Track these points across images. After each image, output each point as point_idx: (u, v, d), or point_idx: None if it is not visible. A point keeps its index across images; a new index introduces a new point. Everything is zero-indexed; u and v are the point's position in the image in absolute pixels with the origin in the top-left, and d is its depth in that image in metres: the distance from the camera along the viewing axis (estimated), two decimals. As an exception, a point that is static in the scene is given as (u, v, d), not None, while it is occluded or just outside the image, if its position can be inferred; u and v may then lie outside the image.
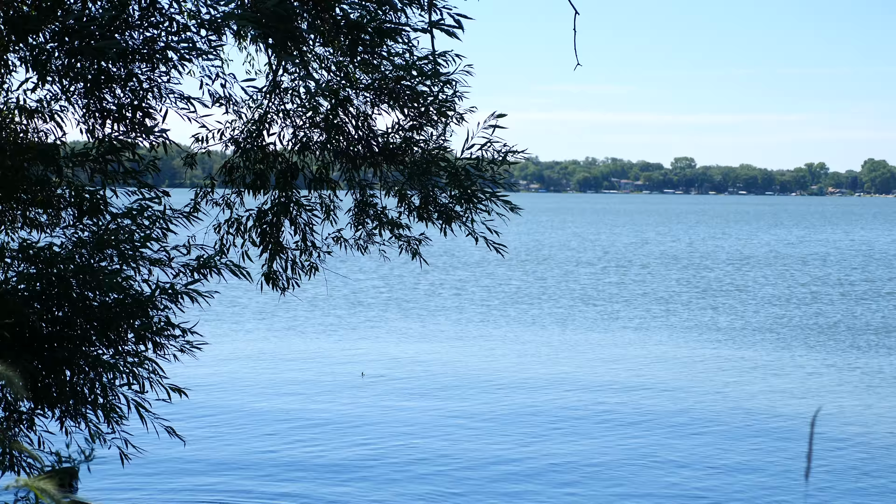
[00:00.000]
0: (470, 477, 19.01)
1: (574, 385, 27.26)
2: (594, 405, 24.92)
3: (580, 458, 20.36)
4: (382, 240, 12.69)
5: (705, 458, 20.46)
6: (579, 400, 25.44)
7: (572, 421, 23.30)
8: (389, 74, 11.05)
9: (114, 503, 17.08)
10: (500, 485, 18.57)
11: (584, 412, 24.19)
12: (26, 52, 11.05)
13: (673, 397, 25.79)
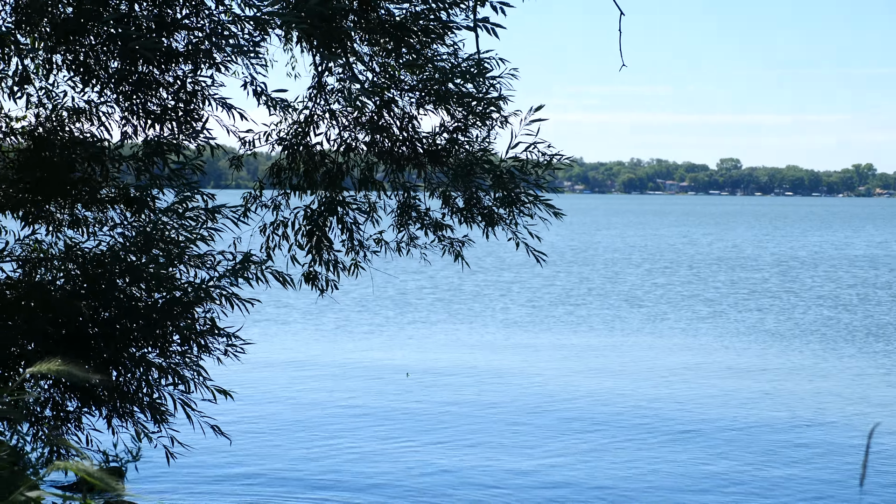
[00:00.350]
0: (513, 482, 18.98)
1: (620, 388, 27.14)
2: (640, 409, 24.79)
3: (624, 465, 20.28)
4: (426, 242, 12.71)
5: (754, 462, 20.33)
6: (625, 404, 25.32)
7: (617, 426, 23.19)
8: (435, 76, 11.05)
9: (160, 501, 17.17)
10: (540, 492, 18.53)
11: (629, 416, 24.08)
12: (71, 54, 11.15)
13: (722, 402, 25.59)
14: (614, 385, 27.53)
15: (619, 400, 25.60)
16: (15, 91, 11.83)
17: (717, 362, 31.33)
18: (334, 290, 13.01)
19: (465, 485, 18.55)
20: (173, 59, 10.77)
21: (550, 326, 38.55)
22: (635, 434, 22.24)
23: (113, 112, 11.60)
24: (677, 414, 24.28)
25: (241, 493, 17.85)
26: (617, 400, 25.60)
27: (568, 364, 30.60)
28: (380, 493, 18.04)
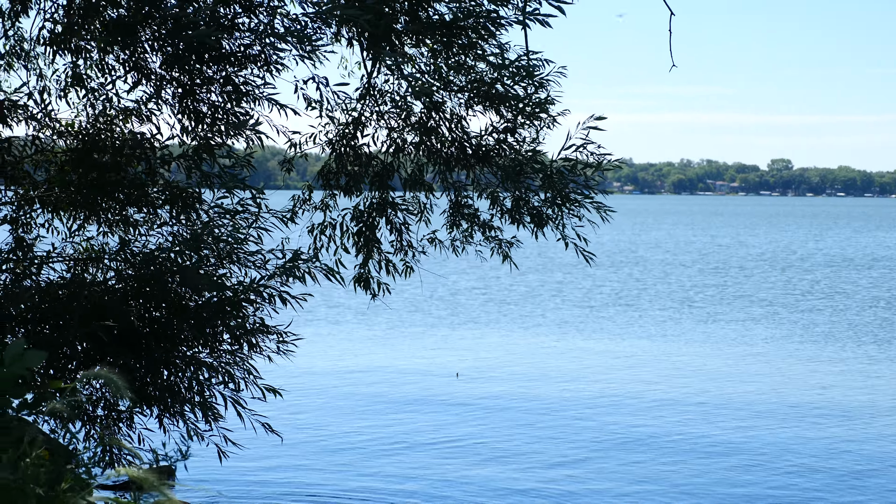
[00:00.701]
0: (561, 487, 18.92)
1: (676, 388, 27.00)
2: (695, 409, 24.65)
3: (682, 464, 20.17)
4: (477, 241, 12.71)
5: (814, 466, 20.17)
6: (681, 404, 25.17)
7: (674, 426, 23.07)
8: (484, 77, 11.03)
9: (211, 500, 17.26)
10: (586, 492, 18.45)
11: (684, 416, 23.94)
12: (125, 54, 11.22)
13: (779, 404, 25.37)
14: (667, 386, 27.37)
15: (670, 401, 25.45)
16: (67, 91, 11.93)
17: (772, 363, 31.06)
18: (386, 293, 13.00)
19: (510, 484, 18.52)
20: (226, 58, 10.82)
21: (602, 327, 38.39)
22: (687, 435, 22.11)
23: (162, 111, 11.67)
24: (731, 416, 24.11)
25: (291, 492, 17.90)
26: (668, 401, 25.45)
27: (620, 365, 30.46)
28: (427, 492, 18.03)
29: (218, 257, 11.39)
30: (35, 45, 12.05)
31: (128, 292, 11.37)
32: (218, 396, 11.71)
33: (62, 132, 12.06)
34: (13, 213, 12.12)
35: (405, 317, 39.80)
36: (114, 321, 11.13)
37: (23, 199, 12.12)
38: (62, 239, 12.10)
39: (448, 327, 37.66)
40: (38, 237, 12.13)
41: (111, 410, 11.86)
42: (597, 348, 33.58)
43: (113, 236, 12.00)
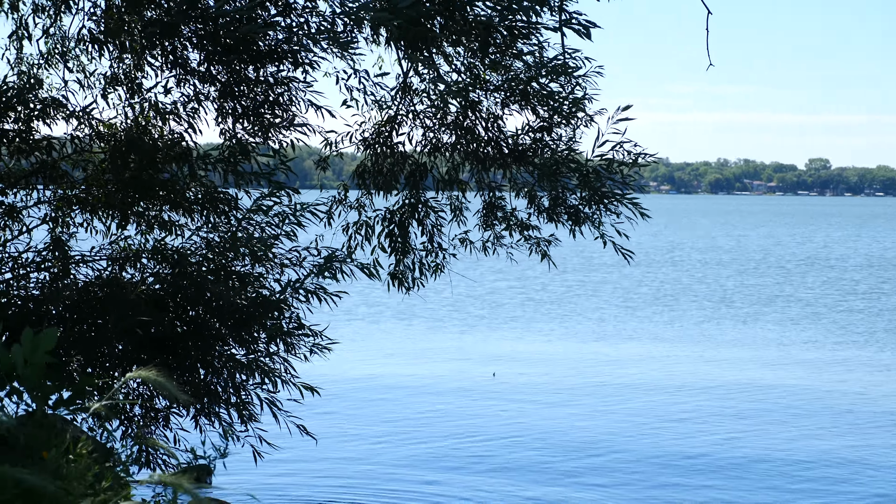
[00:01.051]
0: (598, 482, 18.87)
1: (716, 388, 26.85)
2: (735, 410, 24.53)
3: (727, 464, 20.07)
4: (511, 241, 12.68)
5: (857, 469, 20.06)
6: (722, 405, 25.04)
7: (715, 426, 22.96)
8: (521, 75, 11.01)
9: (248, 500, 17.31)
10: (625, 488, 18.40)
11: (725, 417, 23.83)
12: (164, 53, 11.27)
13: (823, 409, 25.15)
14: (707, 381, 27.23)
15: (709, 402, 25.33)
16: (107, 92, 11.99)
17: (815, 363, 30.83)
18: (421, 287, 13.01)
19: (544, 484, 18.47)
20: (264, 57, 10.85)
21: (641, 327, 38.24)
22: (725, 432, 22.01)
23: (199, 112, 11.71)
24: (774, 414, 23.97)
25: (326, 492, 17.93)
26: (707, 402, 25.33)
27: (657, 365, 30.33)
28: (461, 493, 18.02)
29: (253, 257, 11.42)
30: (76, 44, 12.12)
31: (165, 292, 11.41)
32: (253, 397, 11.74)
33: (101, 132, 12.12)
34: (52, 213, 12.19)
35: (443, 316, 39.79)
36: (151, 320, 11.18)
37: (61, 199, 12.19)
38: (101, 239, 12.15)
39: (485, 327, 37.63)
40: (74, 235, 12.19)
41: (148, 409, 11.91)
42: (635, 348, 33.45)
43: (150, 236, 12.05)
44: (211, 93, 11.53)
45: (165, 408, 11.89)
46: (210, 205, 11.79)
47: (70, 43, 12.25)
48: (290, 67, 11.09)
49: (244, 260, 11.48)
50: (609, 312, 42.12)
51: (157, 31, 10.75)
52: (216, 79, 11.29)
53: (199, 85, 11.50)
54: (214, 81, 11.33)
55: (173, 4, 10.53)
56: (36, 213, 12.21)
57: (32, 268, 11.86)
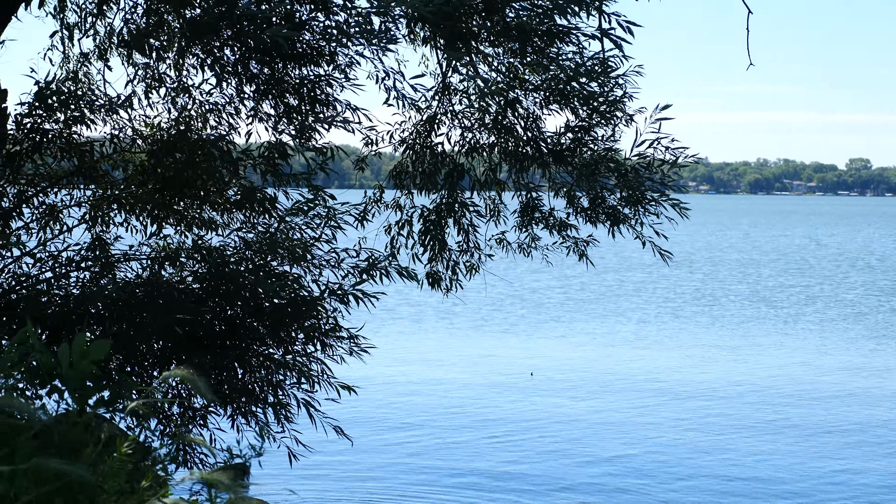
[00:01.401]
0: (634, 485, 18.80)
1: (756, 391, 26.66)
2: (774, 413, 24.37)
3: (762, 468, 19.96)
4: (548, 243, 12.66)
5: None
6: (761, 408, 24.87)
7: (750, 429, 22.83)
8: (560, 76, 10.98)
9: (283, 500, 17.35)
10: (666, 493, 18.32)
11: (763, 421, 23.68)
12: (203, 55, 11.31)
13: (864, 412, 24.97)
14: (747, 383, 27.06)
15: (755, 402, 25.18)
16: (149, 92, 12.03)
17: (862, 364, 30.58)
18: (459, 289, 13.01)
19: (582, 483, 18.43)
20: (302, 57, 10.87)
21: (681, 327, 38.05)
22: (762, 434, 21.88)
23: (240, 112, 11.75)
24: (812, 418, 23.82)
25: (362, 493, 17.95)
26: (753, 402, 25.18)
27: (699, 366, 30.16)
28: (499, 493, 18.00)
29: (292, 257, 11.45)
30: (117, 43, 12.17)
31: (203, 291, 11.45)
32: (290, 397, 11.76)
33: (141, 132, 12.18)
34: (91, 212, 12.25)
35: (483, 316, 39.75)
36: (189, 319, 11.22)
37: (101, 199, 12.25)
38: (139, 241, 12.20)
39: (523, 326, 37.58)
40: (117, 238, 12.25)
41: (186, 409, 11.95)
42: (675, 350, 33.27)
43: (189, 236, 12.09)
44: (250, 93, 11.56)
45: (203, 407, 11.93)
46: (249, 204, 11.83)
47: (112, 40, 12.31)
48: (328, 68, 11.10)
49: (283, 261, 11.51)
50: (649, 313, 41.94)
51: (195, 30, 10.78)
52: (255, 78, 11.32)
53: (237, 85, 11.54)
54: (252, 81, 11.36)
55: (211, 3, 10.57)
56: (76, 213, 12.29)
57: (72, 267, 11.93)
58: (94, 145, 12.15)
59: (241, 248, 11.68)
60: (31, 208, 12.14)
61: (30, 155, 11.97)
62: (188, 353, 11.09)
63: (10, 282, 11.79)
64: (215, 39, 10.95)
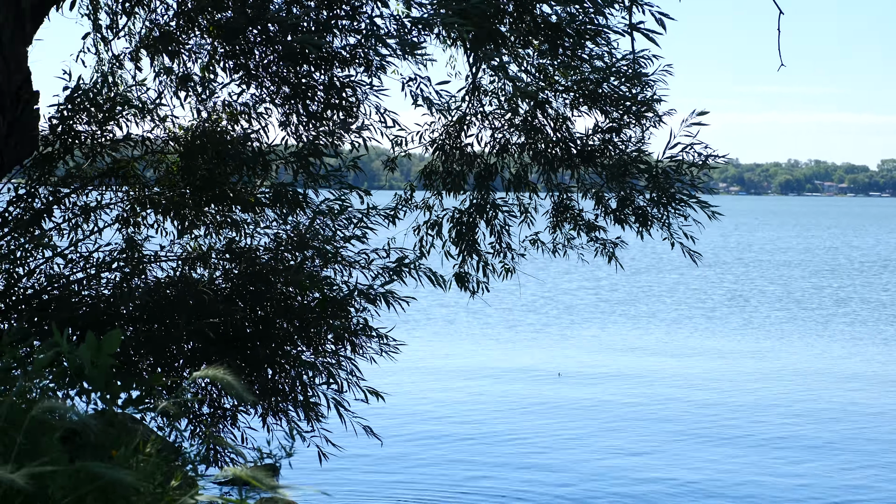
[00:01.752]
0: (661, 489, 18.75)
1: (789, 392, 26.53)
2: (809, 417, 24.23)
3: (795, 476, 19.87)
4: (581, 242, 12.65)
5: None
6: (794, 413, 24.72)
7: (782, 436, 22.71)
8: (590, 77, 10.97)
9: (313, 500, 17.38)
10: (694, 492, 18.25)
11: (798, 420, 23.55)
12: (233, 56, 11.34)
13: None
14: (784, 391, 26.84)
15: (787, 406, 25.04)
16: (178, 93, 12.08)
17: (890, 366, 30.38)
18: (485, 291, 13.00)
19: (611, 482, 18.39)
20: (332, 60, 10.89)
21: (712, 328, 37.88)
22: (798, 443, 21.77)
23: (271, 113, 11.78)
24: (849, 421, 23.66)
25: (392, 493, 17.96)
26: (786, 406, 25.04)
27: (729, 367, 30.02)
28: (528, 493, 17.98)
29: (322, 258, 11.48)
30: (145, 46, 12.22)
31: (234, 292, 11.49)
32: (320, 397, 11.78)
33: (171, 133, 12.23)
34: (123, 213, 12.31)
35: (511, 316, 39.73)
36: (220, 320, 11.26)
37: (133, 200, 12.31)
38: (171, 240, 12.25)
39: (552, 327, 37.53)
40: (148, 238, 12.31)
41: (216, 408, 11.99)
42: (705, 349, 33.15)
43: (219, 236, 12.13)
44: (277, 95, 11.59)
45: (233, 407, 11.96)
46: (280, 202, 11.85)
47: (142, 42, 12.36)
48: (358, 71, 11.12)
49: (314, 261, 11.54)
50: (682, 314, 41.79)
51: (224, 33, 10.82)
52: (284, 81, 11.35)
53: (266, 88, 11.57)
54: (282, 84, 11.39)
55: (239, 5, 10.60)
56: (108, 214, 12.35)
57: (104, 268, 11.98)
58: (125, 146, 12.21)
59: (272, 246, 11.72)
60: (63, 209, 12.21)
61: (61, 156, 12.04)
62: (218, 354, 11.13)
63: (41, 282, 11.85)
64: (244, 43, 10.98)
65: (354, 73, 11.15)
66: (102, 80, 12.22)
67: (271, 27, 10.57)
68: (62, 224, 12.17)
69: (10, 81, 8.45)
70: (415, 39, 9.95)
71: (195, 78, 11.87)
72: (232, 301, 11.40)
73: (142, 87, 12.24)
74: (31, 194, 11.97)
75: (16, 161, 8.80)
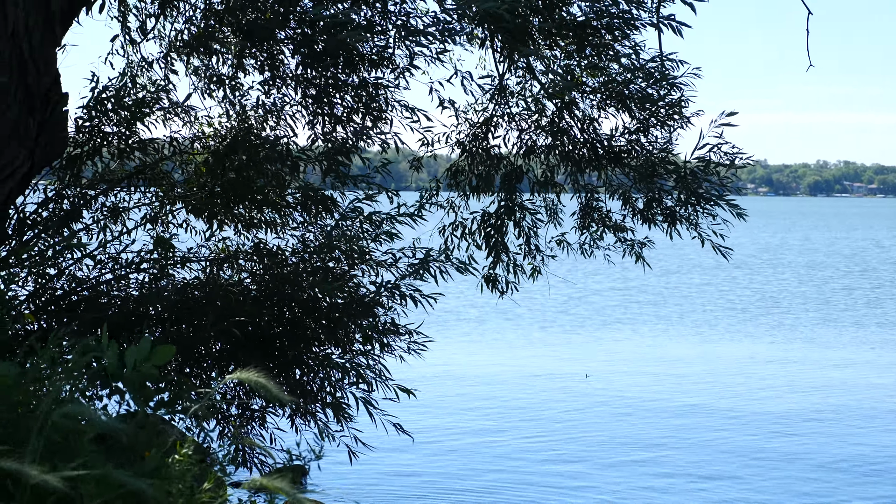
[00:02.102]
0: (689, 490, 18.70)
1: (822, 395, 26.38)
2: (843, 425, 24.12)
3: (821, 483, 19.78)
4: (608, 243, 12.64)
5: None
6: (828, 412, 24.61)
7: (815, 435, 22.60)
8: (617, 77, 10.96)
9: (343, 500, 17.41)
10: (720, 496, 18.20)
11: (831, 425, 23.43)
12: (261, 57, 11.38)
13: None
14: (814, 394, 26.71)
15: (815, 408, 24.93)
16: (207, 94, 12.12)
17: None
18: (514, 291, 13.00)
19: (635, 486, 18.34)
20: (359, 62, 10.91)
21: (741, 330, 37.71)
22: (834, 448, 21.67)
23: (299, 115, 11.81)
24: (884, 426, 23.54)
25: (423, 493, 17.97)
26: (813, 408, 24.94)
27: (757, 369, 29.90)
28: (555, 494, 17.95)
29: (349, 258, 11.50)
30: (177, 45, 12.27)
31: (261, 293, 11.51)
32: (349, 397, 11.80)
33: (200, 134, 12.28)
34: (152, 214, 12.36)
35: (544, 317, 39.68)
36: (247, 321, 11.29)
37: (161, 200, 12.36)
38: (200, 241, 12.30)
39: (581, 328, 37.47)
40: (175, 236, 12.35)
41: (244, 409, 12.02)
42: (734, 351, 33.01)
43: (248, 237, 12.17)
44: (306, 97, 11.62)
45: (262, 408, 11.99)
46: (309, 203, 11.88)
47: (175, 44, 12.41)
48: (386, 73, 11.15)
49: (341, 262, 11.56)
50: (711, 315, 41.64)
51: (252, 34, 10.86)
52: (312, 83, 11.38)
53: (295, 89, 11.60)
54: (310, 85, 11.42)
55: (269, 6, 10.63)
56: (136, 214, 12.40)
57: (132, 268, 12.03)
58: (154, 147, 12.26)
59: (300, 248, 11.75)
60: (92, 211, 12.27)
61: (90, 157, 12.10)
62: (246, 355, 11.16)
63: (70, 284, 11.91)
64: (273, 43, 11.02)
65: (382, 75, 11.18)
66: (131, 81, 12.28)
67: (298, 29, 10.60)
68: (90, 225, 12.22)
69: (39, 83, 8.51)
70: (452, 27, 9.94)
71: (224, 79, 11.92)
72: (259, 302, 11.43)
73: (170, 89, 12.29)
74: (59, 195, 12.04)
75: (45, 162, 8.85)
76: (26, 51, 8.35)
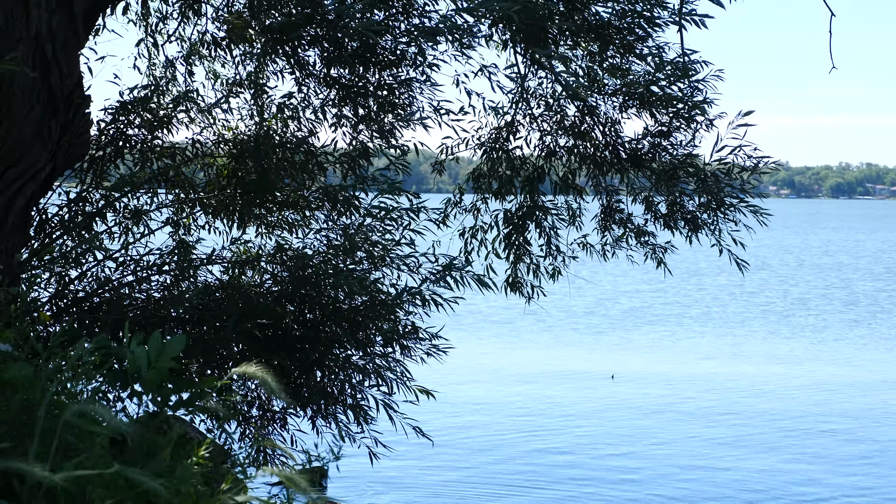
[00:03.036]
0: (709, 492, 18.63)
1: (853, 398, 26.24)
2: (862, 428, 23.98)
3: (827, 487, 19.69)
4: (629, 246, 12.61)
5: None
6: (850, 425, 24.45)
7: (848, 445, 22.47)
8: (639, 79, 10.93)
9: (363, 501, 17.41)
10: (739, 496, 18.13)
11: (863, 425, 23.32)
12: (286, 57, 11.39)
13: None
14: (840, 397, 26.54)
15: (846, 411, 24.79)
16: (230, 95, 12.14)
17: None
18: (541, 296, 12.98)
19: (662, 487, 18.30)
20: (386, 60, 10.92)
21: (770, 331, 37.54)
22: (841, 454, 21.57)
23: (324, 115, 11.82)
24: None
25: (442, 494, 17.96)
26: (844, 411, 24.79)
27: (781, 371, 29.76)
28: (578, 496, 17.92)
29: (371, 260, 11.50)
30: (200, 48, 12.30)
31: (283, 294, 11.53)
32: (369, 399, 11.80)
33: (223, 136, 12.30)
34: (174, 216, 12.39)
35: (567, 319, 39.61)
36: (269, 322, 11.30)
37: (183, 202, 12.38)
38: (222, 244, 12.31)
39: (608, 329, 37.39)
40: (198, 240, 12.38)
41: (265, 411, 12.04)
42: (757, 353, 32.87)
43: (269, 239, 12.19)
44: (330, 96, 11.63)
45: (282, 409, 12.01)
46: (330, 203, 11.89)
47: (198, 47, 12.44)
48: (410, 70, 11.14)
49: (362, 264, 11.56)
50: (739, 316, 41.46)
51: (277, 34, 10.88)
52: (337, 82, 11.39)
53: (319, 90, 11.62)
54: (335, 85, 11.43)
55: (294, 6, 10.65)
56: (158, 217, 12.43)
57: (154, 270, 12.06)
58: (176, 149, 12.29)
59: (322, 249, 11.75)
60: (114, 213, 12.30)
61: (113, 160, 12.13)
62: (267, 356, 11.17)
63: (93, 285, 11.95)
64: (297, 44, 11.03)
65: (405, 72, 11.18)
66: (154, 85, 12.31)
67: (321, 31, 10.62)
68: (113, 227, 12.26)
69: (62, 85, 8.53)
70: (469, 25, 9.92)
71: (247, 80, 11.94)
72: (281, 303, 11.44)
73: (194, 91, 12.32)
74: (82, 198, 12.08)
75: (68, 164, 8.89)
76: (49, 52, 8.38)
